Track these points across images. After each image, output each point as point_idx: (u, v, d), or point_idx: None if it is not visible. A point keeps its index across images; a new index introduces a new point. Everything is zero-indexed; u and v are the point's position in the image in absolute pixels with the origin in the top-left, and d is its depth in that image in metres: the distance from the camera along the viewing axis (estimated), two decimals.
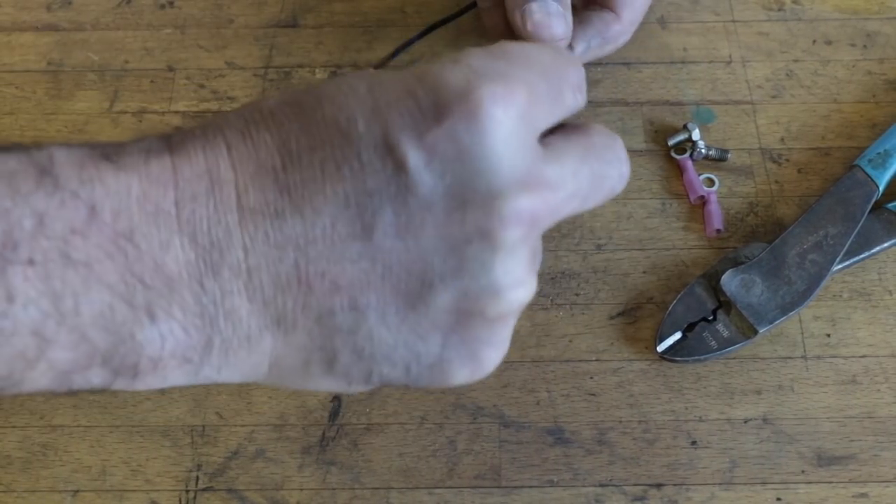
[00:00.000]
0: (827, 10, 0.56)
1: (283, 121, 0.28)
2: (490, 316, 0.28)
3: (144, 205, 0.26)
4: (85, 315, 0.25)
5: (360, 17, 0.56)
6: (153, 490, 0.42)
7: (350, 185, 0.26)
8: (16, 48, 0.55)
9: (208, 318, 0.27)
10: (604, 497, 0.41)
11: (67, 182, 0.25)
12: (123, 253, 0.26)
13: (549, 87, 0.29)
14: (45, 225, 0.25)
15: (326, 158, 0.27)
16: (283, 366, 0.29)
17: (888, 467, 0.41)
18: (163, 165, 0.27)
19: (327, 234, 0.27)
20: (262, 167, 0.27)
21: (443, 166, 0.26)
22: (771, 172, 0.50)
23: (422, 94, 0.27)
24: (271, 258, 0.27)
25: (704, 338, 0.44)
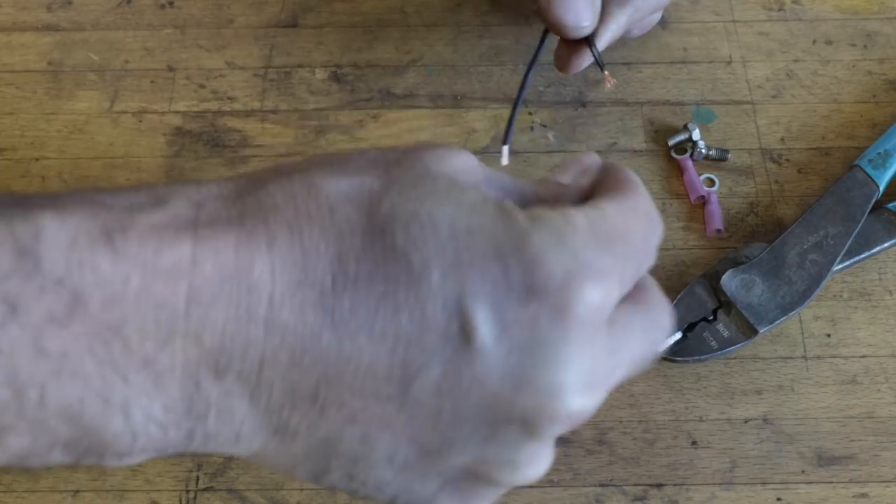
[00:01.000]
0: (827, 10, 0.56)
1: (344, 229, 0.24)
2: (499, 483, 0.27)
3: (144, 299, 0.23)
4: (50, 407, 0.23)
5: (360, 17, 0.56)
6: (153, 490, 0.42)
7: (404, 333, 0.24)
8: (16, 48, 0.55)
9: (195, 415, 0.24)
10: (604, 497, 0.41)
11: (52, 266, 0.22)
12: (107, 347, 0.23)
13: (637, 267, 0.28)
14: (17, 312, 0.22)
15: (386, 296, 0.24)
16: (266, 459, 0.27)
17: (888, 467, 0.41)
18: (178, 258, 0.23)
19: (361, 370, 0.24)
20: (307, 280, 0.24)
21: (511, 348, 0.24)
22: (771, 172, 0.50)
23: (514, 266, 0.24)
24: (291, 376, 0.24)
25: (705, 338, 0.44)
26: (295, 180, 0.25)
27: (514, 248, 0.24)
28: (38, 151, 0.51)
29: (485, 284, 0.24)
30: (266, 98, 0.53)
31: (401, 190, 0.25)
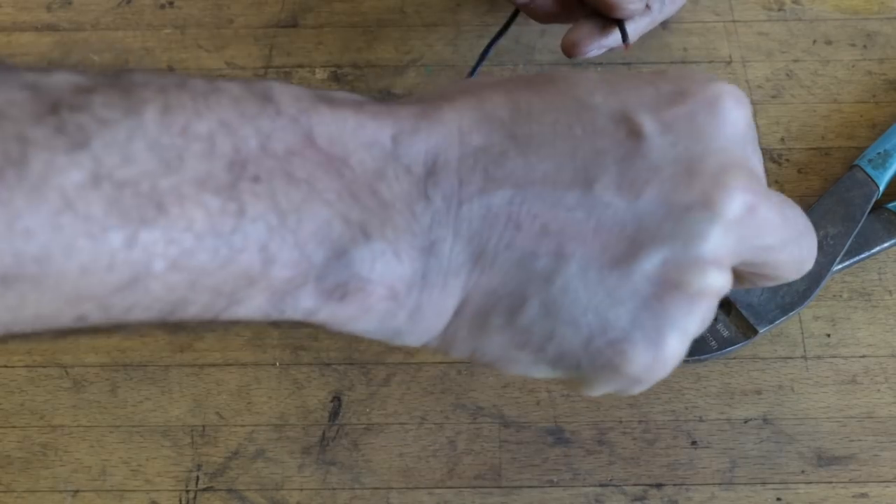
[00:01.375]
0: (827, 10, 0.56)
1: (512, 88, 0.28)
2: (690, 291, 0.27)
3: (359, 135, 0.26)
4: (306, 231, 0.25)
5: (360, 17, 0.56)
6: (153, 490, 0.42)
7: (580, 142, 0.27)
8: (16, 48, 0.55)
9: (417, 245, 0.27)
10: (604, 497, 0.41)
11: (287, 109, 0.26)
12: (340, 174, 0.26)
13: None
14: (268, 145, 0.25)
15: (559, 120, 0.27)
16: (465, 314, 0.28)
17: (888, 467, 0.41)
18: (379, 107, 0.27)
19: (548, 178, 0.27)
20: (488, 116, 0.28)
21: (677, 137, 0.27)
22: (771, 172, 0.50)
23: (662, 84, 0.28)
24: (486, 192, 0.27)
25: (704, 338, 0.44)
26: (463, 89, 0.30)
27: (659, 77, 0.29)
28: None
29: (641, 98, 0.28)
30: None
31: (551, 71, 0.31)
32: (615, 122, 0.27)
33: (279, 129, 0.25)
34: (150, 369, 0.45)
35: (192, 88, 0.25)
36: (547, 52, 0.53)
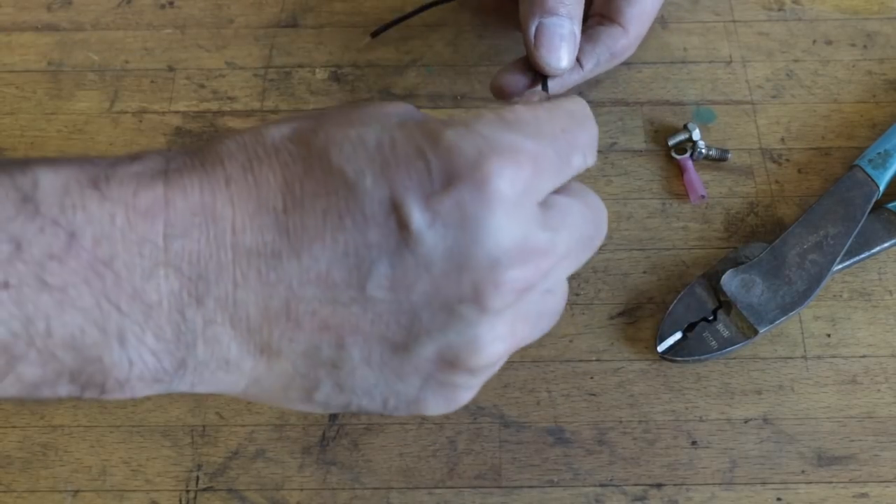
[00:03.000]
0: (827, 10, 0.56)
1: (287, 161, 0.28)
2: (469, 367, 0.29)
3: (129, 234, 0.26)
4: (56, 337, 0.26)
5: (360, 17, 0.56)
6: (153, 490, 0.42)
7: (351, 236, 0.27)
8: (16, 48, 0.55)
9: (184, 344, 0.27)
10: (604, 497, 0.41)
11: (48, 209, 0.25)
12: (101, 279, 0.26)
13: (557, 155, 0.30)
14: (22, 250, 0.25)
15: (330, 207, 0.27)
16: (261, 386, 0.29)
17: (888, 467, 0.41)
18: (154, 197, 0.27)
19: (322, 278, 0.27)
20: (262, 206, 0.27)
21: (445, 230, 0.27)
22: (771, 172, 0.50)
23: (433, 157, 0.27)
24: (262, 293, 0.27)
25: (704, 338, 0.44)
26: (245, 133, 0.29)
27: (430, 145, 0.27)
28: (39, 151, 0.51)
29: (411, 179, 0.27)
30: (266, 98, 0.53)
31: (333, 122, 0.29)
32: (385, 212, 0.27)
33: (36, 233, 0.25)
34: None
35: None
36: None
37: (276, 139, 0.28)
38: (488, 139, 0.28)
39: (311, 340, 0.28)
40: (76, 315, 0.26)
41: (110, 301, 0.26)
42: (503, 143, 0.28)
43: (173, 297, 0.27)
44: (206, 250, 0.27)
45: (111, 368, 0.27)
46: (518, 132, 0.29)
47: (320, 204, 0.27)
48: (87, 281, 0.26)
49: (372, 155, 0.27)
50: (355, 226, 0.27)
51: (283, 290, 0.27)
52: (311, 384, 0.29)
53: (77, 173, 0.26)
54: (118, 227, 0.26)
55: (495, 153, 0.27)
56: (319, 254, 0.27)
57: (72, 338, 0.26)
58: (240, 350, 0.28)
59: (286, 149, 0.28)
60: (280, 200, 0.27)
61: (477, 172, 0.27)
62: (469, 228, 0.27)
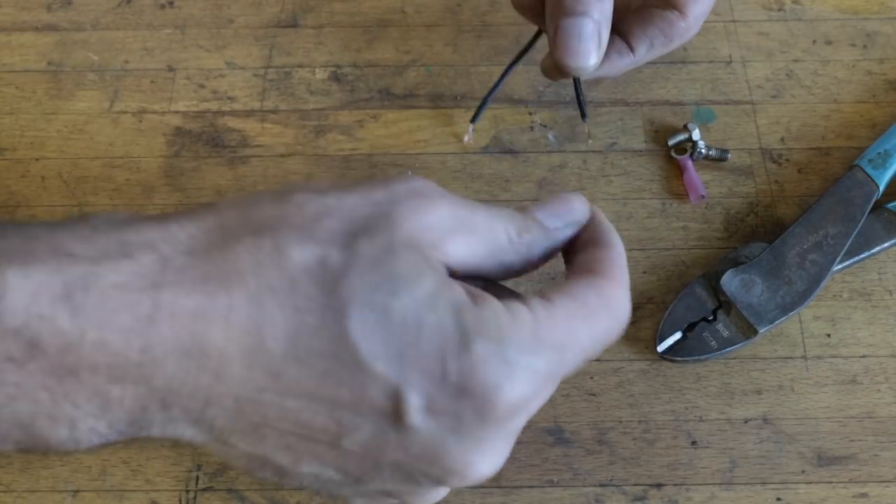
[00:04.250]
0: (827, 10, 0.56)
1: (301, 306, 0.26)
2: (407, 500, 0.31)
3: (99, 350, 0.25)
4: (3, 419, 0.25)
5: (360, 17, 0.56)
6: (153, 490, 0.42)
7: (342, 403, 0.26)
8: (16, 48, 0.55)
9: (139, 428, 0.27)
10: (604, 497, 0.41)
11: (12, 319, 0.24)
12: (61, 382, 0.25)
13: (574, 366, 0.29)
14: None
15: (331, 372, 0.26)
16: (206, 448, 0.29)
17: (888, 467, 0.41)
18: (136, 319, 0.25)
19: (298, 421, 0.27)
20: (259, 349, 0.26)
21: (436, 431, 0.27)
22: (771, 172, 0.50)
23: (454, 370, 0.26)
24: (234, 416, 0.27)
25: (704, 338, 0.44)
26: (264, 244, 0.26)
27: (456, 353, 0.26)
28: (38, 151, 0.51)
29: (424, 381, 0.26)
30: (266, 98, 0.53)
31: (362, 272, 0.26)
32: (385, 398, 0.26)
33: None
34: None
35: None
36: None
37: (298, 268, 0.26)
38: (512, 367, 0.26)
39: (271, 453, 0.28)
40: (27, 406, 0.25)
41: (67, 398, 0.25)
42: (525, 372, 0.27)
43: (138, 399, 0.26)
44: (184, 374, 0.25)
45: (57, 445, 0.26)
46: (545, 359, 0.27)
47: (322, 365, 0.26)
48: (44, 385, 0.25)
49: (392, 338, 0.26)
50: (351, 396, 0.26)
51: (257, 418, 0.27)
52: (256, 467, 0.29)
53: (51, 279, 0.24)
54: (88, 342, 0.24)
55: (512, 384, 0.26)
56: (306, 406, 0.26)
57: (20, 420, 0.25)
58: (194, 435, 0.27)
59: (305, 288, 0.26)
60: (281, 347, 0.25)
61: (488, 401, 0.26)
62: (459, 436, 0.27)
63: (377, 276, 0.26)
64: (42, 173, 0.50)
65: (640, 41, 0.46)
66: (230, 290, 0.25)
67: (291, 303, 0.25)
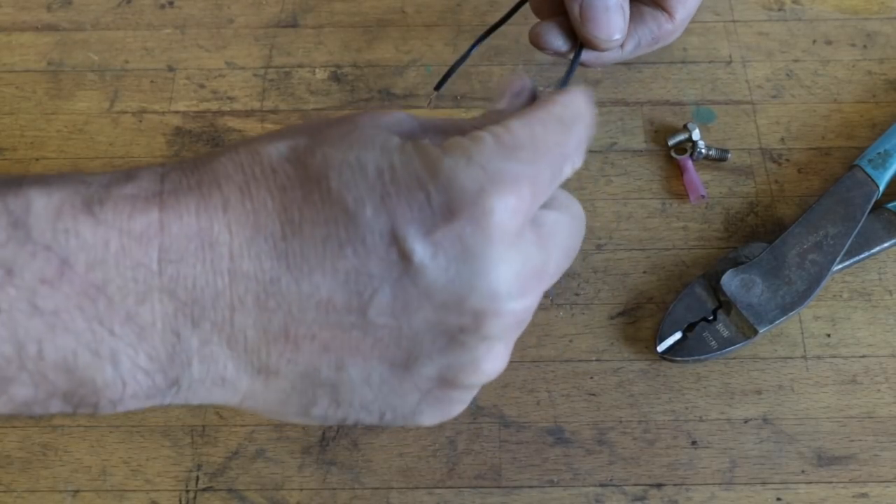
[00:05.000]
0: (827, 10, 0.56)
1: (285, 184, 0.27)
2: (467, 384, 0.30)
3: (122, 259, 0.26)
4: (48, 360, 0.25)
5: (360, 17, 0.56)
6: (153, 490, 0.42)
7: (351, 264, 0.27)
8: (16, 48, 0.55)
9: (179, 363, 0.27)
10: (604, 497, 0.41)
11: (40, 235, 0.25)
12: (94, 303, 0.25)
13: (552, 172, 0.29)
14: (13, 275, 0.25)
15: (329, 236, 0.27)
16: (257, 401, 0.29)
17: (888, 467, 0.41)
18: (148, 222, 0.26)
19: (322, 304, 0.27)
20: (259, 232, 0.27)
21: (447, 262, 0.27)
22: (771, 172, 0.50)
23: (433, 190, 0.27)
24: (260, 317, 0.27)
25: (704, 338, 0.44)
26: (241, 150, 0.28)
27: (430, 176, 0.27)
28: (38, 151, 0.51)
29: (412, 211, 0.27)
30: (266, 98, 0.53)
31: (331, 143, 0.28)
32: (386, 244, 0.27)
33: (27, 259, 0.25)
34: None
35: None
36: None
37: (274, 159, 0.28)
38: (488, 171, 0.27)
39: (311, 362, 0.28)
40: (68, 339, 0.25)
41: (103, 324, 0.26)
42: (503, 174, 0.27)
43: (168, 319, 0.26)
44: (202, 276, 0.26)
45: (104, 389, 0.27)
46: (517, 159, 0.28)
47: (319, 232, 0.27)
48: (79, 305, 0.25)
49: (372, 183, 0.27)
50: (356, 255, 0.27)
51: (281, 314, 0.27)
52: (309, 401, 0.30)
53: (71, 196, 0.26)
54: (112, 253, 0.25)
55: (495, 187, 0.27)
56: (320, 281, 0.27)
57: (64, 361, 0.26)
58: (236, 369, 0.28)
59: (284, 170, 0.27)
60: (278, 226, 0.27)
61: (477, 207, 0.27)
62: (470, 261, 0.27)
63: (345, 142, 0.28)
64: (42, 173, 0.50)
65: (630, 38, 0.46)
66: (221, 187, 0.27)
67: (276, 185, 0.27)
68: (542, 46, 0.46)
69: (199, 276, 0.26)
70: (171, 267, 0.26)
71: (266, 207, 0.27)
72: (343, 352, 0.28)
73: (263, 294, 0.27)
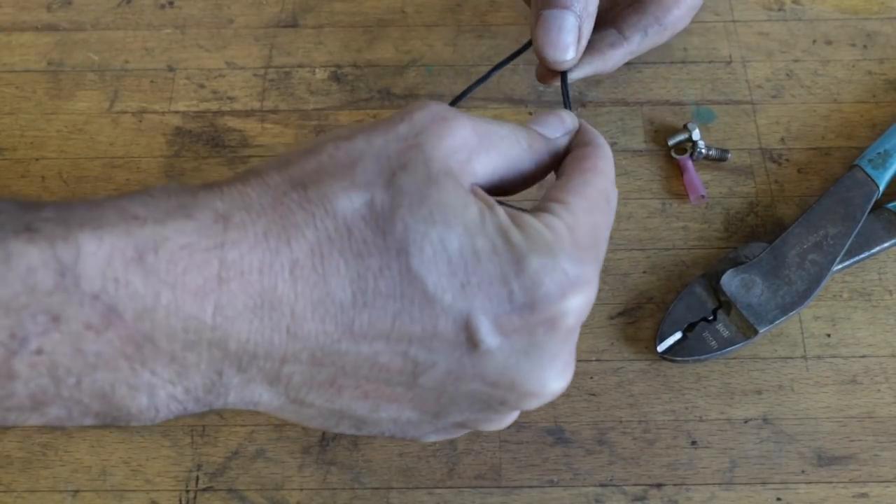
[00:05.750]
0: (827, 10, 0.56)
1: (361, 250, 0.26)
2: (480, 429, 0.32)
3: (174, 312, 0.25)
4: (85, 389, 0.25)
5: (360, 17, 0.56)
6: (153, 490, 0.42)
7: (417, 340, 0.27)
8: (16, 48, 0.55)
9: (215, 395, 0.27)
10: (604, 497, 0.41)
11: (90, 285, 0.24)
12: (139, 350, 0.25)
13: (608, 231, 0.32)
14: (59, 322, 0.24)
15: (402, 312, 0.26)
16: (282, 414, 0.30)
17: (888, 467, 0.41)
18: (206, 278, 0.25)
19: (375, 365, 0.27)
20: (328, 297, 0.26)
21: (511, 351, 0.28)
22: (771, 172, 0.50)
23: (517, 288, 0.27)
24: (311, 370, 0.27)
25: (704, 338, 0.44)
26: (311, 196, 0.27)
27: (515, 274, 0.27)
28: (38, 151, 0.51)
29: (490, 303, 0.27)
30: (266, 98, 0.53)
31: (411, 208, 0.27)
32: (457, 329, 0.27)
33: (75, 307, 0.24)
34: None
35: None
36: None
37: (349, 216, 0.26)
38: (570, 276, 0.28)
39: (349, 405, 0.29)
40: (108, 375, 0.25)
41: (145, 366, 0.25)
42: (580, 279, 0.28)
43: (214, 363, 0.26)
44: (259, 332, 0.26)
45: (137, 414, 0.26)
46: (589, 261, 0.29)
47: (392, 307, 0.26)
48: (123, 351, 0.25)
49: (454, 268, 0.27)
50: (424, 333, 0.27)
51: (333, 369, 0.27)
52: (332, 424, 0.30)
53: (122, 241, 0.24)
54: (163, 305, 0.24)
55: (574, 291, 0.28)
56: (381, 349, 0.27)
57: (100, 391, 0.25)
58: (271, 399, 0.28)
59: (360, 232, 0.26)
60: (349, 294, 0.26)
61: (556, 310, 0.27)
62: (534, 355, 0.28)
63: (425, 209, 0.27)
64: (42, 173, 0.50)
65: (635, 30, 0.45)
66: (290, 244, 0.26)
67: (351, 248, 0.26)
68: (547, 82, 0.46)
69: (255, 332, 0.26)
70: (227, 323, 0.25)
71: (338, 272, 0.26)
72: (381, 399, 0.29)
73: (320, 353, 0.27)
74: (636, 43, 0.45)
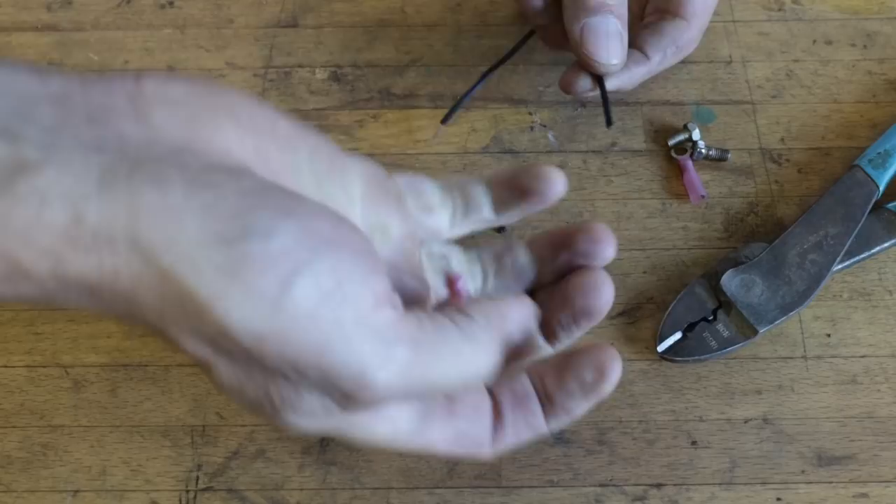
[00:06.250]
0: (827, 10, 0.56)
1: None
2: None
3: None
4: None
5: (360, 17, 0.56)
6: (153, 490, 0.42)
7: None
8: (16, 48, 0.55)
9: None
10: (604, 497, 0.41)
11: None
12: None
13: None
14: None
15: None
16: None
17: (888, 467, 0.41)
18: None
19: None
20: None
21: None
22: (771, 172, 0.50)
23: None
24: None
25: (704, 338, 0.44)
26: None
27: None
28: None
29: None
30: (266, 98, 0.53)
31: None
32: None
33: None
34: (150, 369, 0.45)
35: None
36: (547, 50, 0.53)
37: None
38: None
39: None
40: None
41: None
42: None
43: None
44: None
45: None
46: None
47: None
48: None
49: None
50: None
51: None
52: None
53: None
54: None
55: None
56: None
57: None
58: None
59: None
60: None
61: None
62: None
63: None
64: None
65: (655, 49, 0.48)
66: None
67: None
68: (572, 92, 0.48)
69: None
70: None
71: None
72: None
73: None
74: (657, 63, 0.49)
